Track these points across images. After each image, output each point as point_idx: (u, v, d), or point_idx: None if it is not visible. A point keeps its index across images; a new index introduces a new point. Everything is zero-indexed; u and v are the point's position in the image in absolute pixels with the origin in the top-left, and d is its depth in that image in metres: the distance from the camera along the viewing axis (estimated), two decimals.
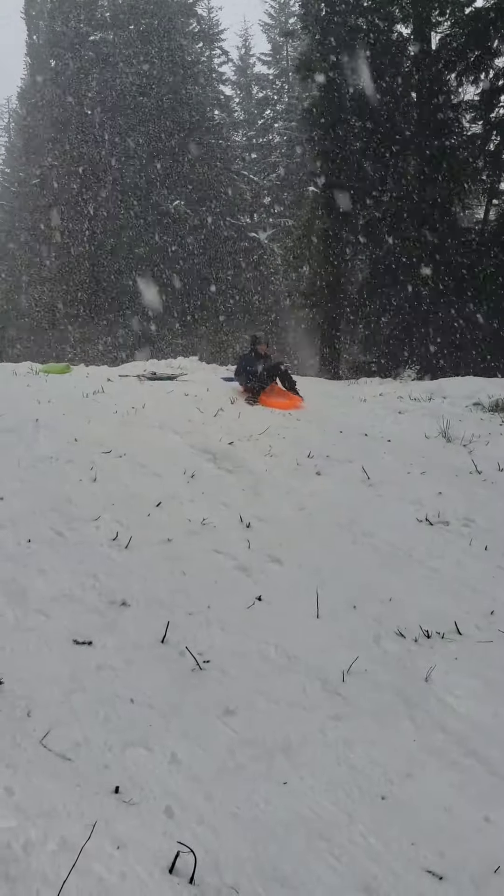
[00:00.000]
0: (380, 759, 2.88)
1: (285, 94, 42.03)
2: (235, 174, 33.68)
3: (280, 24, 42.66)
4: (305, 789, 2.68)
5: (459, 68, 18.05)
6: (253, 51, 44.53)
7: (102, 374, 12.23)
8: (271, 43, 43.50)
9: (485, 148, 18.09)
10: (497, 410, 9.02)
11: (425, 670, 3.50)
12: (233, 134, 37.80)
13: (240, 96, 44.00)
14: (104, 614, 3.75)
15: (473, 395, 9.77)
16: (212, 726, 3.00)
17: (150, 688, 3.18)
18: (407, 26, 19.00)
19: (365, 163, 18.38)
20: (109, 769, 2.65)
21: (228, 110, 38.88)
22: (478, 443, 7.58)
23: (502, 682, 3.47)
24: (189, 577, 4.26)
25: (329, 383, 13.83)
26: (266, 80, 43.65)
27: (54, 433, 6.91)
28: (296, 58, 27.56)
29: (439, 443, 7.72)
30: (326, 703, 3.23)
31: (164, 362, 15.22)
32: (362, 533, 5.27)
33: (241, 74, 44.15)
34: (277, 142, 41.17)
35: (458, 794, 2.74)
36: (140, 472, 6.07)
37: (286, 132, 39.07)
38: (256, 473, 6.50)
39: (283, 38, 39.38)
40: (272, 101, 43.00)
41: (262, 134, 42.05)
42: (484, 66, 17.92)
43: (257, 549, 4.80)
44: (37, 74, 33.57)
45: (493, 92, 17.98)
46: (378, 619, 4.01)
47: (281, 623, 3.89)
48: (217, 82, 38.14)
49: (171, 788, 2.60)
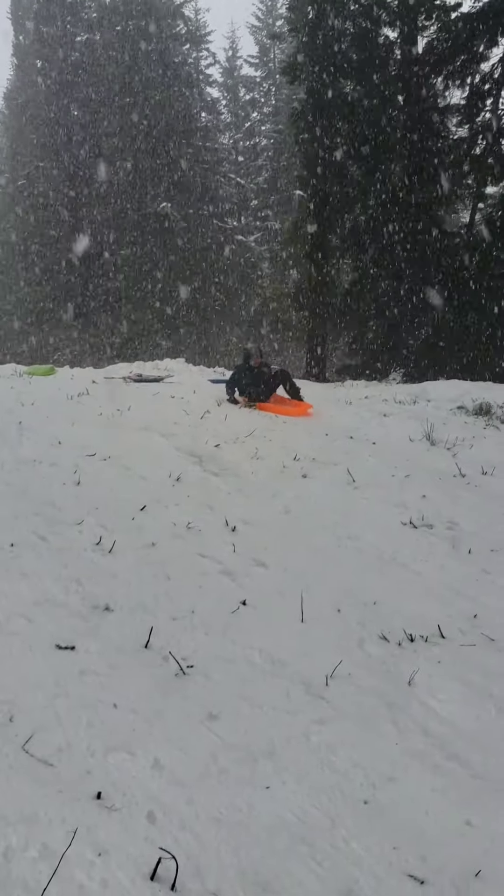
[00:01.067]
0: (362, 762, 2.89)
1: (272, 96, 42.14)
2: (222, 177, 33.70)
3: (267, 26, 42.77)
4: (288, 794, 2.68)
5: (446, 72, 18.21)
6: (240, 53, 44.65)
7: (87, 375, 12.21)
8: (259, 45, 43.59)
9: (471, 152, 18.21)
10: (481, 414, 9.07)
11: (408, 674, 3.51)
12: (220, 136, 37.79)
13: (227, 98, 44.06)
14: (87, 619, 3.74)
15: (458, 399, 9.82)
16: (195, 731, 2.99)
17: (134, 693, 3.17)
18: (394, 30, 19.12)
19: (351, 166, 18.45)
20: (91, 774, 2.64)
21: (215, 112, 38.90)
22: (462, 446, 7.61)
23: (485, 685, 3.49)
24: (173, 582, 4.25)
25: (315, 385, 13.85)
26: (253, 82, 43.72)
27: (38, 436, 6.89)
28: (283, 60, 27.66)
29: (424, 446, 7.75)
30: (310, 707, 3.24)
31: (150, 364, 15.20)
32: (347, 536, 5.28)
33: (228, 76, 44.20)
34: (264, 144, 41.27)
35: (440, 797, 2.75)
36: (125, 475, 6.06)
37: (273, 135, 39.14)
38: (242, 476, 6.50)
39: (271, 40, 39.51)
40: (259, 103, 43.09)
41: (249, 136, 42.12)
42: (470, 71, 18.06)
43: (242, 553, 4.80)
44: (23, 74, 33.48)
45: (479, 96, 18.11)
46: (362, 622, 4.02)
47: (265, 627, 3.89)
48: (204, 84, 38.16)
49: (153, 793, 2.60)
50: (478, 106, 18.25)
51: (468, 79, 18.24)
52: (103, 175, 29.09)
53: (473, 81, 18.24)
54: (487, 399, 9.53)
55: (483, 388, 10.90)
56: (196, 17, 38.15)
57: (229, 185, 34.70)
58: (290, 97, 32.05)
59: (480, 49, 17.76)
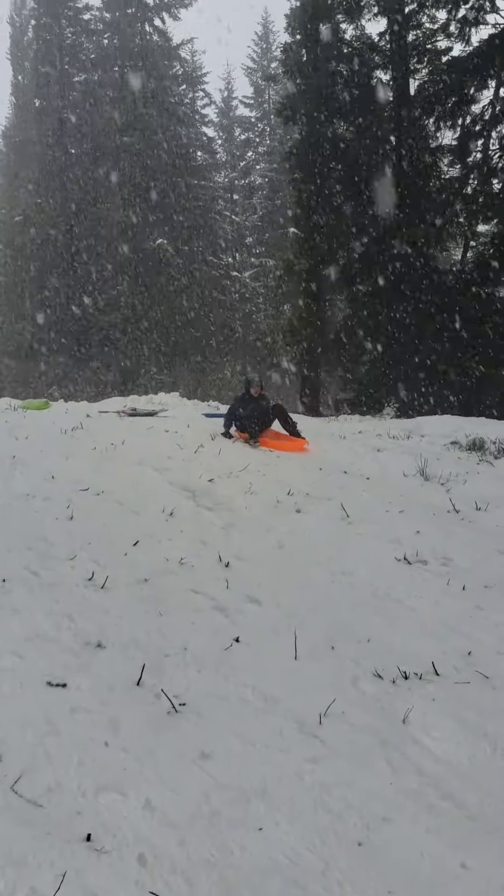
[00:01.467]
0: (356, 803, 2.85)
1: (267, 136, 42.88)
2: (218, 214, 34.13)
3: (262, 67, 43.65)
4: (281, 835, 2.64)
5: (437, 113, 18.57)
6: (235, 93, 45.52)
7: (82, 409, 12.23)
8: (253, 86, 44.47)
9: (462, 191, 18.50)
10: (474, 449, 9.10)
11: (403, 712, 3.48)
12: (215, 175, 38.34)
13: (222, 138, 44.80)
14: (79, 655, 3.71)
15: (451, 434, 9.86)
16: (187, 770, 2.95)
17: (125, 731, 3.13)
18: (386, 73, 19.52)
19: (344, 205, 18.72)
20: (82, 815, 2.60)
21: (211, 151, 39.51)
22: (455, 481, 7.63)
23: (479, 724, 3.46)
24: (166, 618, 4.23)
25: (309, 419, 13.90)
26: (248, 122, 44.55)
27: (31, 470, 6.89)
28: (277, 101, 28.16)
29: (417, 481, 7.77)
30: (303, 745, 3.20)
31: (144, 398, 15.25)
32: (341, 572, 5.27)
33: (223, 116, 45.00)
34: (259, 183, 41.90)
35: (435, 839, 2.71)
36: (118, 510, 6.04)
37: (268, 174, 39.75)
38: (236, 511, 6.49)
39: (266, 81, 40.35)
40: (254, 143, 43.84)
41: (244, 175, 42.77)
42: (461, 112, 18.44)
43: (236, 589, 4.77)
44: (21, 113, 34.04)
45: (470, 136, 18.46)
46: (356, 659, 3.99)
47: (258, 664, 3.86)
48: (200, 124, 38.80)
49: (144, 835, 2.56)
50: (469, 146, 18.60)
51: (459, 120, 18.61)
52: (100, 212, 29.43)
53: (465, 122, 18.63)
54: (481, 434, 9.57)
55: (476, 423, 10.96)
56: (192, 58, 38.95)
57: (225, 222, 35.12)
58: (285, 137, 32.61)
59: (471, 91, 18.16)
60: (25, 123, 35.25)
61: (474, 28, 18.05)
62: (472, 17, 17.86)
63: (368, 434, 10.80)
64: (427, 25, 19.15)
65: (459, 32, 18.24)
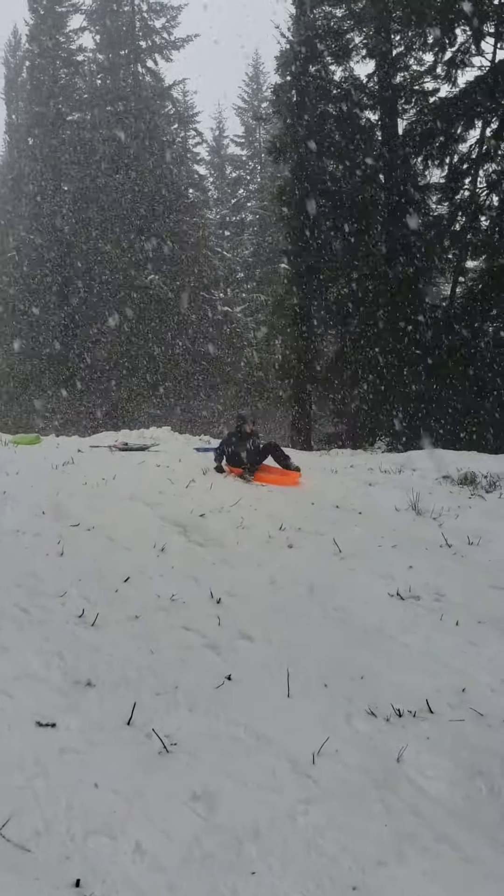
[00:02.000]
0: (351, 845, 2.80)
1: (258, 174, 43.55)
2: (209, 250, 34.48)
3: (253, 107, 44.48)
4: (274, 880, 2.59)
5: (425, 152, 18.89)
6: (227, 132, 46.31)
7: (73, 444, 12.22)
8: (244, 125, 45.26)
9: (450, 228, 18.77)
10: (466, 483, 9.11)
11: (397, 751, 3.44)
12: (207, 212, 38.82)
13: (214, 176, 45.48)
14: (68, 695, 3.66)
15: (443, 468, 9.87)
16: (178, 812, 2.90)
17: (115, 772, 3.08)
18: (374, 113, 19.88)
19: (334, 242, 18.95)
20: (70, 860, 2.55)
21: (203, 189, 40.03)
22: (447, 516, 7.63)
23: (474, 762, 3.42)
24: (157, 656, 4.18)
25: (300, 454, 13.91)
26: (239, 160, 45.31)
27: (21, 505, 6.85)
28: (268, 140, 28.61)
29: (410, 515, 7.76)
30: (296, 786, 3.15)
31: (136, 432, 15.25)
32: (333, 608, 5.23)
33: (215, 155, 45.74)
34: (250, 220, 42.46)
35: (431, 882, 2.66)
36: (109, 546, 6.01)
37: (259, 211, 40.28)
38: (228, 546, 6.46)
39: (256, 121, 41.08)
40: (245, 180, 44.55)
41: (236, 212, 43.35)
42: (449, 151, 18.78)
43: (227, 626, 4.73)
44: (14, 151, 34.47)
45: (458, 175, 18.79)
46: (349, 697, 3.95)
47: (251, 703, 3.81)
48: (192, 162, 39.37)
49: (133, 880, 2.50)
50: (457, 184, 18.92)
51: (447, 158, 18.95)
52: (92, 248, 29.71)
53: (452, 161, 18.95)
54: (472, 468, 9.60)
55: (468, 457, 10.99)
56: (184, 98, 39.60)
57: (216, 258, 35.48)
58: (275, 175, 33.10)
59: (458, 131, 18.52)
60: (19, 161, 35.72)
61: (460, 70, 18.47)
62: (458, 60, 18.28)
63: (360, 468, 10.81)
64: (414, 67, 19.60)
65: (446, 74, 18.65)
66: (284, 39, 20.25)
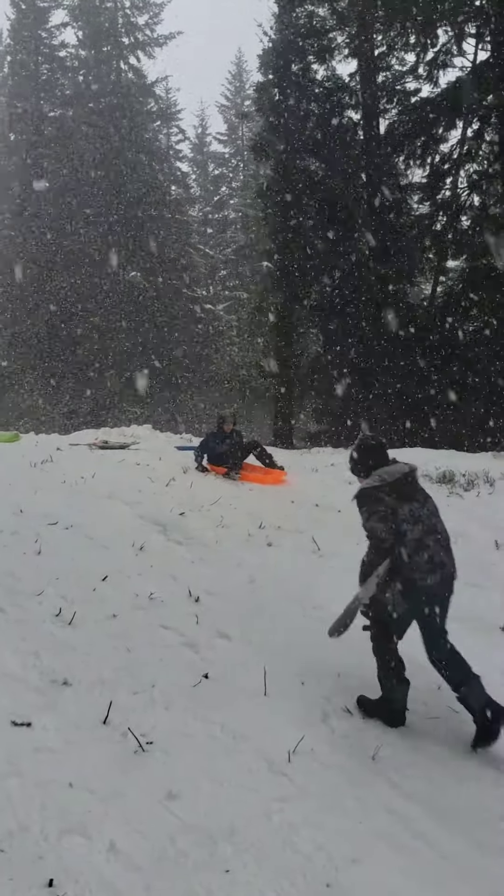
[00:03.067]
0: (325, 843, 2.81)
1: (240, 171, 43.50)
2: (192, 248, 34.41)
3: (236, 105, 44.40)
4: (249, 877, 2.60)
5: (407, 152, 18.94)
6: (210, 130, 46.20)
7: (52, 442, 12.13)
8: (227, 123, 45.19)
9: (431, 228, 18.84)
10: (444, 482, 9.15)
11: (372, 749, 3.46)
12: (189, 209, 38.73)
13: (196, 173, 45.35)
14: (45, 694, 3.64)
15: (421, 467, 9.89)
16: (153, 811, 2.90)
17: (90, 771, 3.07)
18: (357, 112, 19.90)
19: (316, 240, 18.96)
20: (44, 860, 2.54)
21: (185, 186, 39.93)
22: None
23: (449, 759, 3.44)
24: (134, 655, 4.17)
25: (282, 452, 13.91)
26: (222, 158, 45.24)
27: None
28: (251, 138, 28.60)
29: None
30: (272, 784, 3.16)
31: (116, 430, 15.15)
32: (312, 606, 5.25)
33: (197, 152, 45.61)
34: (233, 217, 42.40)
35: (406, 879, 2.67)
36: (87, 545, 5.97)
37: (241, 209, 40.24)
38: (207, 545, 6.46)
39: (239, 118, 41.00)
40: (228, 178, 44.47)
41: (218, 210, 43.27)
42: (430, 151, 18.84)
43: (206, 624, 4.73)
44: None
45: (439, 175, 18.86)
46: (326, 695, 3.97)
47: (228, 701, 3.82)
48: (174, 159, 39.24)
49: (108, 879, 2.50)
50: (438, 184, 19.00)
51: (428, 159, 19.01)
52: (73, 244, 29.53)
53: (433, 161, 19.01)
54: (451, 467, 9.63)
55: (446, 456, 11.03)
56: (167, 95, 39.46)
57: (198, 255, 35.41)
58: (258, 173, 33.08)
59: (440, 131, 18.58)
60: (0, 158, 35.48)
61: (442, 70, 18.53)
62: (440, 60, 18.33)
63: (341, 466, 10.80)
64: (396, 67, 19.62)
65: (428, 74, 18.68)
66: (267, 38, 20.23)
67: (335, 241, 18.81)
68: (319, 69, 20.18)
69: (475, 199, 18.54)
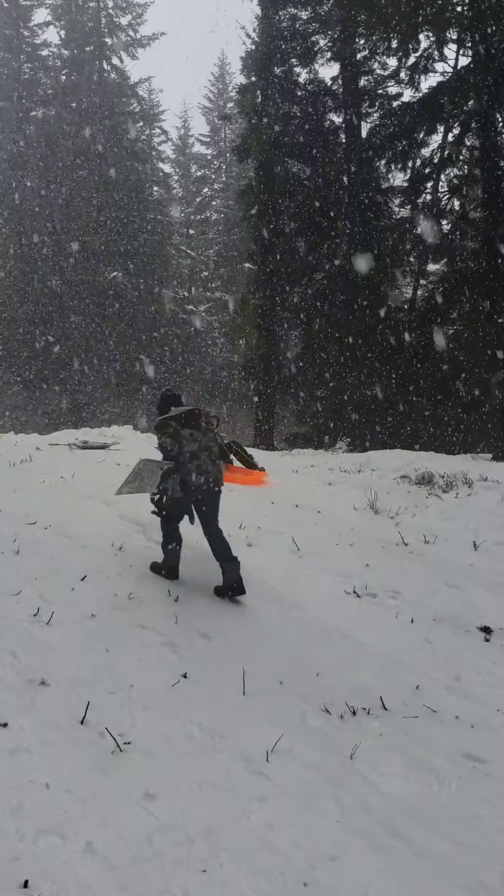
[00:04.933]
0: (303, 842, 2.82)
1: (223, 173, 43.51)
2: (174, 248, 34.36)
3: (218, 107, 44.45)
4: (226, 876, 2.59)
5: (388, 156, 19.04)
6: (192, 132, 46.19)
7: (32, 442, 12.06)
8: (210, 125, 45.20)
9: (412, 231, 18.96)
10: (423, 483, 9.21)
11: (350, 748, 3.46)
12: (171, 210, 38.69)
13: (179, 174, 45.32)
14: (22, 694, 3.61)
15: (401, 468, 9.96)
16: (131, 811, 2.89)
17: (68, 772, 3.05)
18: (339, 115, 19.99)
19: (298, 243, 19.01)
20: (20, 861, 2.52)
21: (167, 187, 39.88)
22: (405, 515, 7.70)
23: (427, 759, 3.46)
24: (112, 655, 4.15)
25: (263, 454, 13.92)
26: (204, 159, 45.22)
27: None
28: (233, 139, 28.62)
29: (367, 514, 7.82)
30: (250, 784, 3.16)
31: (97, 431, 15.11)
32: (291, 605, 5.25)
33: (180, 153, 45.59)
34: (215, 219, 42.39)
35: (383, 877, 2.68)
36: (66, 545, 5.94)
37: (223, 210, 40.25)
38: (187, 545, 6.42)
39: (222, 120, 41.05)
40: (210, 179, 44.46)
41: (200, 211, 43.26)
42: (411, 155, 18.96)
43: (185, 624, 4.72)
44: None
45: (420, 179, 18.99)
46: (304, 695, 3.97)
47: (206, 701, 3.81)
48: (156, 160, 39.20)
49: (84, 880, 2.48)
50: (419, 188, 19.13)
51: (409, 162, 19.14)
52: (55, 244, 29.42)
53: (414, 165, 19.15)
54: (430, 469, 9.69)
55: (426, 458, 11.10)
56: (150, 96, 39.44)
57: (180, 256, 35.37)
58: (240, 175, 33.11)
59: (420, 136, 18.72)
60: None
61: (423, 75, 18.69)
62: (422, 65, 18.49)
63: (321, 468, 10.86)
64: (378, 71, 19.78)
65: (409, 79, 18.84)
66: (250, 40, 20.26)
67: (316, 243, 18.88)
68: (302, 72, 20.26)
69: (455, 204, 18.68)
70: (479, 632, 5.04)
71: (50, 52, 33.79)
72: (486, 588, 5.80)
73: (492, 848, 2.91)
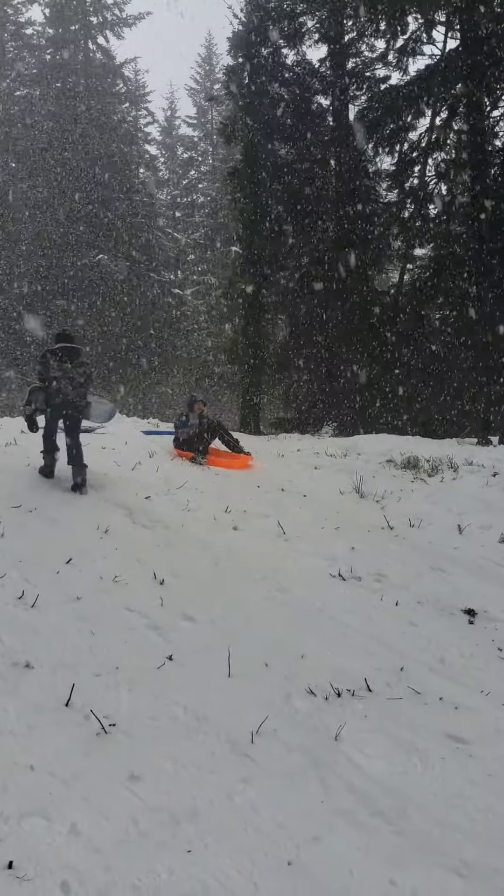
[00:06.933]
0: (287, 822, 2.84)
1: (210, 155, 43.15)
2: (160, 231, 34.11)
3: (205, 88, 44.02)
4: (210, 857, 2.61)
5: (376, 139, 18.92)
6: (179, 113, 45.73)
7: (16, 425, 11.97)
8: (197, 106, 44.74)
9: (399, 215, 18.89)
10: (409, 467, 9.22)
11: (335, 729, 3.48)
12: (157, 192, 38.36)
13: (165, 156, 44.90)
14: (6, 677, 3.60)
15: (387, 453, 9.97)
16: (115, 793, 2.90)
17: (52, 754, 3.06)
18: (326, 98, 19.84)
19: (285, 225, 18.92)
20: (4, 842, 2.53)
21: (153, 169, 39.51)
22: (390, 499, 7.72)
23: (411, 740, 3.48)
24: (97, 637, 4.14)
25: (250, 438, 13.90)
26: (191, 141, 44.77)
27: None
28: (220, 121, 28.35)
29: (353, 498, 7.83)
30: (235, 765, 3.17)
31: None
32: (276, 588, 5.26)
33: (166, 135, 45.11)
34: (202, 202, 42.06)
35: (365, 856, 2.71)
36: (51, 528, 5.92)
37: (210, 193, 39.96)
38: (173, 528, 6.43)
39: (209, 102, 40.67)
40: (197, 162, 44.05)
41: (187, 193, 42.89)
42: (399, 139, 18.86)
43: (170, 607, 4.72)
44: None
45: (408, 163, 18.91)
46: (289, 676, 3.99)
47: (191, 683, 3.82)
48: (142, 142, 38.77)
49: (69, 861, 2.49)
50: (406, 172, 19.04)
51: (397, 146, 19.03)
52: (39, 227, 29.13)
53: (402, 149, 19.04)
54: (415, 453, 9.71)
55: (412, 442, 11.12)
56: (136, 77, 38.95)
57: (166, 239, 35.12)
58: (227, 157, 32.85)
59: (408, 119, 18.61)
60: None
61: (412, 58, 18.55)
62: (410, 48, 18.34)
63: (307, 452, 10.86)
64: (366, 54, 19.59)
65: (397, 62, 18.67)
66: (237, 20, 20.00)
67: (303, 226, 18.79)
68: (290, 53, 20.03)
69: (443, 188, 18.61)
70: (463, 614, 5.06)
71: (34, 30, 33.30)
72: (470, 571, 5.83)
73: (474, 827, 2.94)
